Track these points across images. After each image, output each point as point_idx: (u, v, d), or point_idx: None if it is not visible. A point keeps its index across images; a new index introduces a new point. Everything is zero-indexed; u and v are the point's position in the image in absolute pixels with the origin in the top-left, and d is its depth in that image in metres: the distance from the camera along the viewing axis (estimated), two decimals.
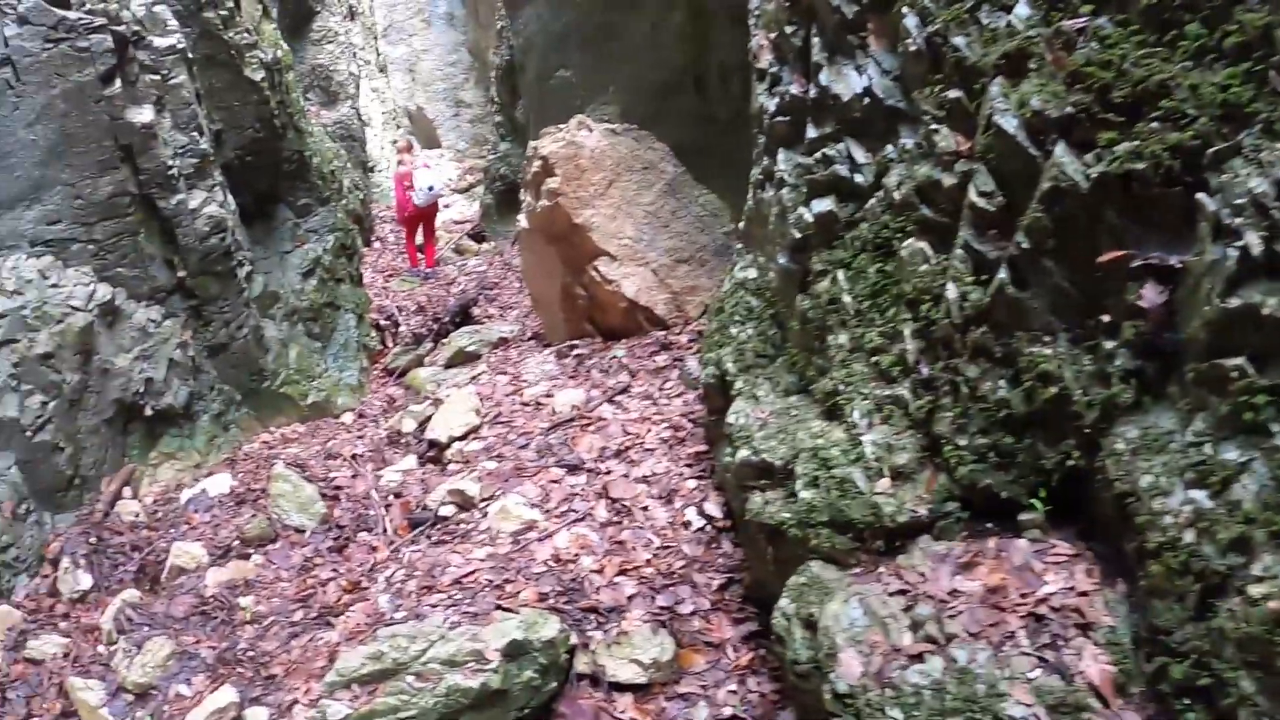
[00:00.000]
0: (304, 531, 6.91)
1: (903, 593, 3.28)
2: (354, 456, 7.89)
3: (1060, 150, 2.87)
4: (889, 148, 3.96)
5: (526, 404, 7.29)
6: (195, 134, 8.31)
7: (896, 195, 3.79)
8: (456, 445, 7.09)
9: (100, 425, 7.70)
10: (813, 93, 4.34)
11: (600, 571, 5.11)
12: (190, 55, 8.48)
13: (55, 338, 7.38)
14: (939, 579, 3.22)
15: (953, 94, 3.43)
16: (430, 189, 13.01)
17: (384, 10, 25.09)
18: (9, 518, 6.66)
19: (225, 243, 8.49)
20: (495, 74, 17.08)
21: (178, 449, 8.37)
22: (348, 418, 9.60)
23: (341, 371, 10.20)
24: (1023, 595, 3.02)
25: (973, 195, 3.22)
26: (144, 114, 7.93)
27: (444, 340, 10.25)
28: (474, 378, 8.18)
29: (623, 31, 10.05)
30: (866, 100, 4.04)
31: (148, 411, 8.11)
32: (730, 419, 4.50)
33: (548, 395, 7.32)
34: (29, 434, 6.99)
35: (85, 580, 6.65)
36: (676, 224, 8.12)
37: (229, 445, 8.78)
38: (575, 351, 8.00)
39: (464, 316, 10.64)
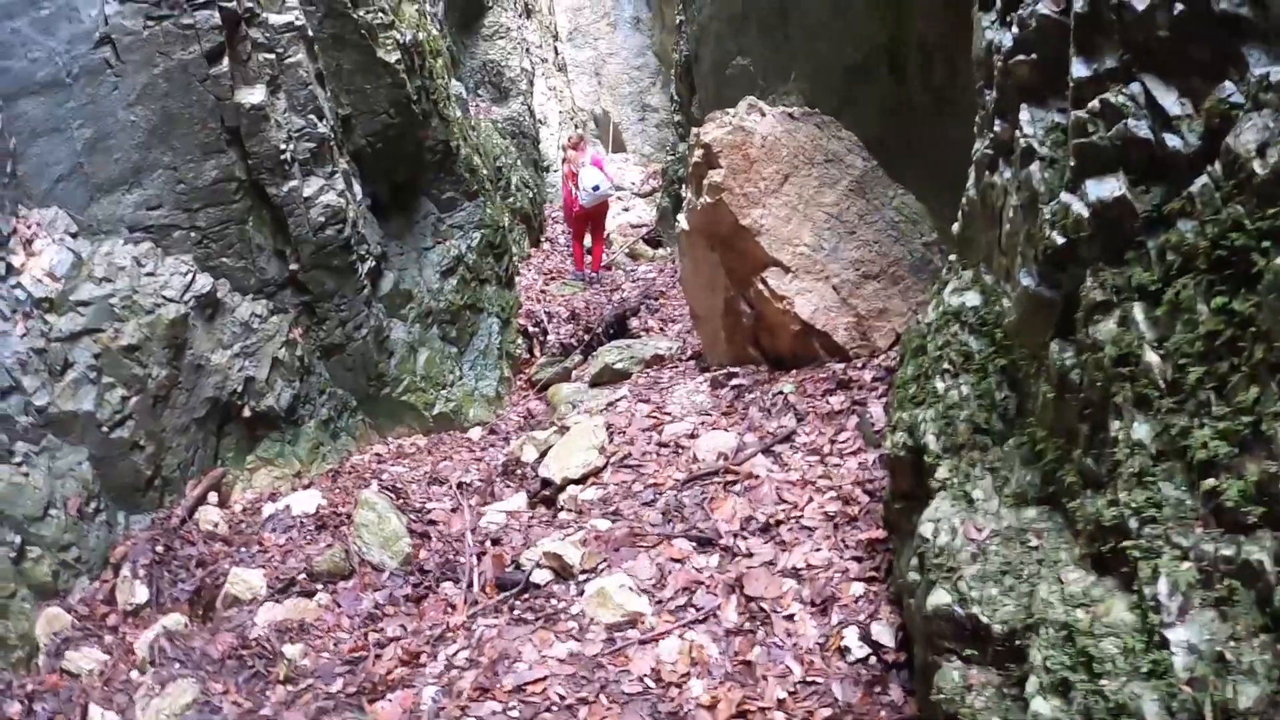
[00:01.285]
0: (382, 571, 5.46)
1: None
2: (460, 485, 6.39)
3: None
4: (1226, 87, 2.06)
5: (664, 444, 5.58)
6: (313, 116, 6.99)
7: (1256, 170, 1.89)
8: (571, 489, 5.47)
9: (190, 424, 6.53)
10: (1080, 6, 2.45)
11: (711, 708, 3.37)
12: (311, 34, 7.17)
13: (143, 329, 6.27)
14: None
15: None
16: (595, 189, 11.42)
17: (568, 14, 23.94)
18: (74, 515, 5.57)
19: (343, 235, 7.15)
20: (674, 71, 15.47)
21: (277, 455, 7.11)
22: (475, 433, 8.15)
23: (478, 381, 8.77)
24: None
25: None
26: (254, 94, 6.66)
27: (594, 353, 8.68)
28: (611, 403, 6.51)
29: (806, 9, 8.25)
30: (1181, 8, 2.15)
31: (246, 413, 6.91)
32: (925, 528, 2.68)
33: (691, 435, 5.60)
34: (105, 429, 5.90)
35: (142, 593, 5.51)
36: (865, 230, 6.24)
37: (336, 455, 7.47)
38: (734, 381, 6.23)
39: (620, 328, 9.01)
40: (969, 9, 5.39)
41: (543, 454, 6.23)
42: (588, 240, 12.35)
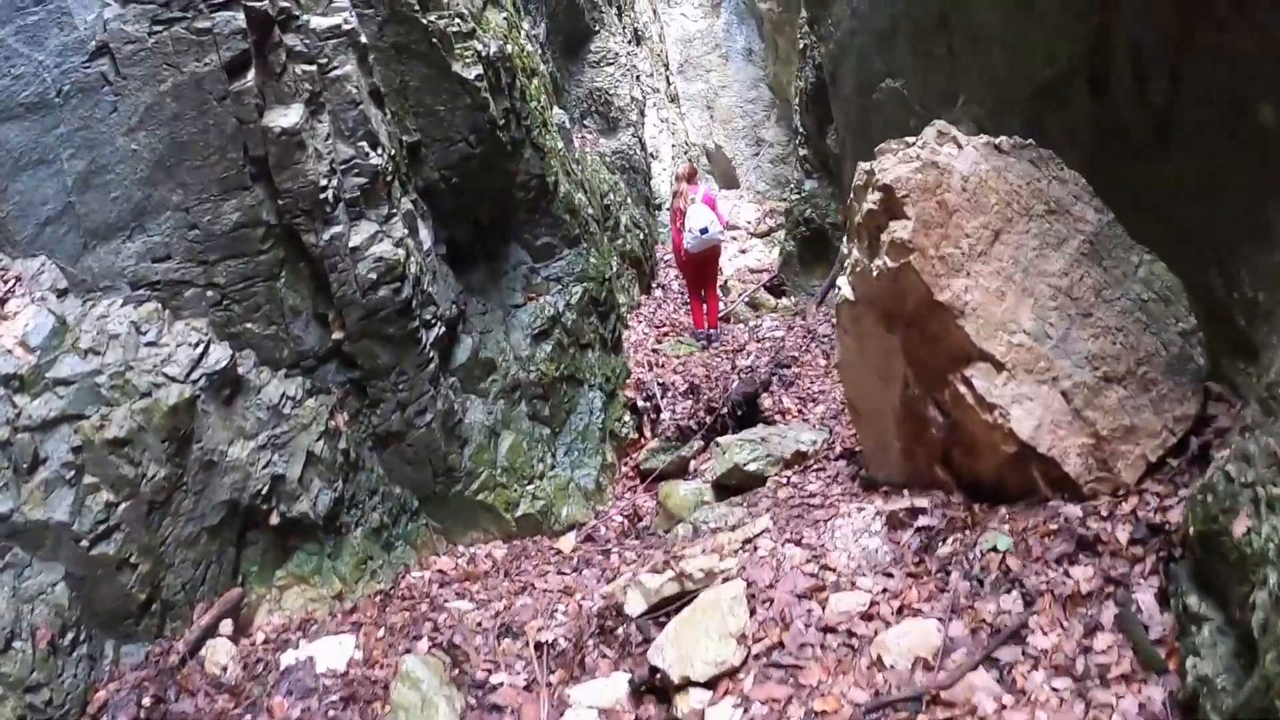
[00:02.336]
0: None
1: None
2: (539, 646, 4.53)
3: None
4: None
5: (830, 630, 3.61)
6: (364, 144, 5.31)
7: None
8: (695, 695, 3.54)
9: (199, 534, 4.92)
10: None
11: None
12: (367, 41, 5.50)
13: (137, 416, 4.72)
14: None
15: None
16: (704, 232, 9.47)
17: (679, 46, 22.36)
18: (45, 649, 4.16)
19: (401, 295, 5.43)
20: (798, 100, 13.53)
21: (313, 572, 5.42)
22: (568, 541, 6.31)
23: (574, 469, 6.93)
24: None
25: None
26: (288, 116, 5.03)
27: (717, 441, 6.75)
28: (749, 541, 4.53)
29: (976, 15, 6.32)
30: None
31: (274, 519, 5.25)
32: None
33: (868, 615, 3.65)
34: (85, 543, 4.41)
35: None
36: (1103, 312, 4.21)
37: (390, 570, 5.75)
38: (919, 521, 4.22)
39: (749, 406, 7.02)
40: (1201, 8, 3.78)
41: (654, 608, 4.33)
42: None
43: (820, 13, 10.44)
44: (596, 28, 13.49)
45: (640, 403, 7.56)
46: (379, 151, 5.34)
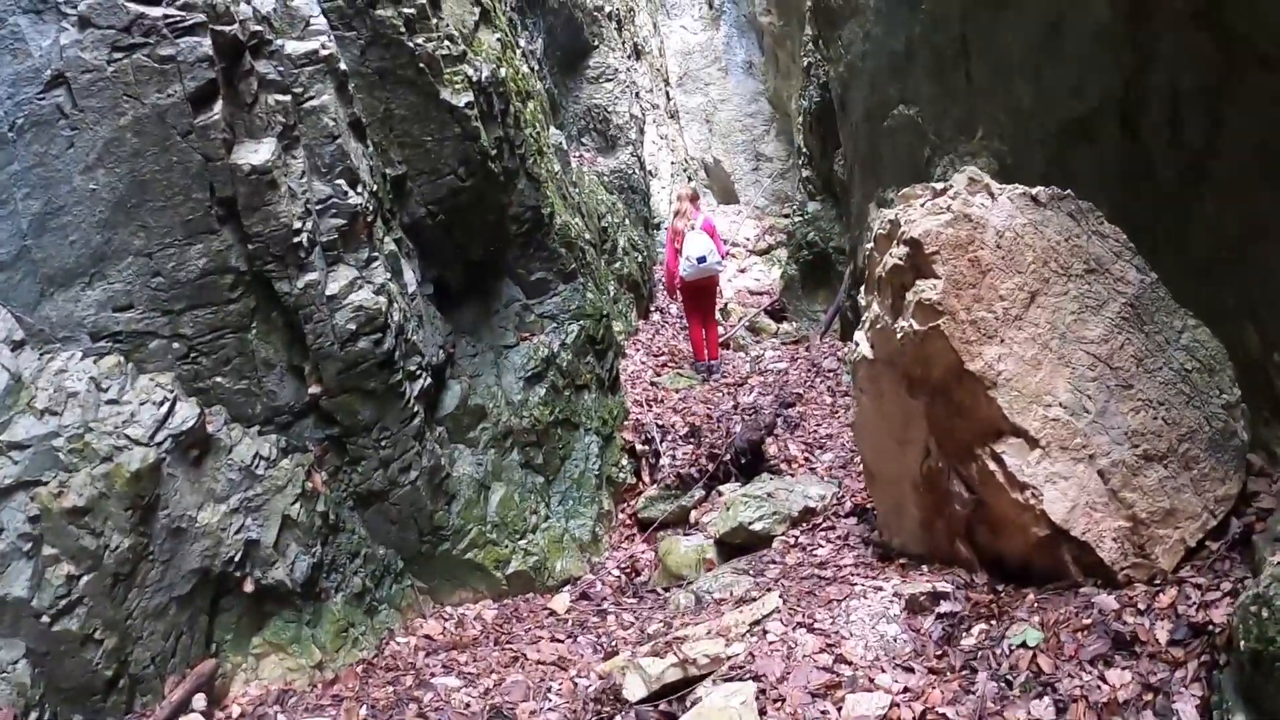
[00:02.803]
0: None
1: None
2: None
3: None
4: None
5: None
6: (342, 182, 4.92)
7: None
8: None
9: (169, 605, 4.54)
10: None
11: None
12: (347, 67, 5.13)
13: (98, 482, 4.35)
14: None
15: None
16: (701, 260, 9.08)
17: (678, 59, 22.04)
18: None
19: (383, 347, 5.04)
20: (803, 119, 13.15)
21: (291, 641, 5.01)
22: (562, 600, 5.92)
23: (569, 519, 6.54)
24: None
25: None
26: (259, 152, 4.65)
27: (719, 490, 6.36)
28: (756, 624, 4.13)
29: (999, 44, 6.01)
30: None
31: (248, 587, 4.85)
32: None
33: (888, 718, 3.24)
34: (46, 619, 4.05)
35: None
36: (1144, 383, 3.85)
37: (373, 637, 5.35)
38: (941, 607, 3.84)
39: (753, 453, 6.62)
40: (1245, 46, 3.69)
41: (653, 699, 3.96)
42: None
43: (829, 32, 10.06)
44: (596, 43, 13.14)
45: (639, 446, 7.17)
46: (359, 189, 4.97)
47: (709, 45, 23.03)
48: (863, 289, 4.55)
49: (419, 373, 5.36)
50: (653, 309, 12.76)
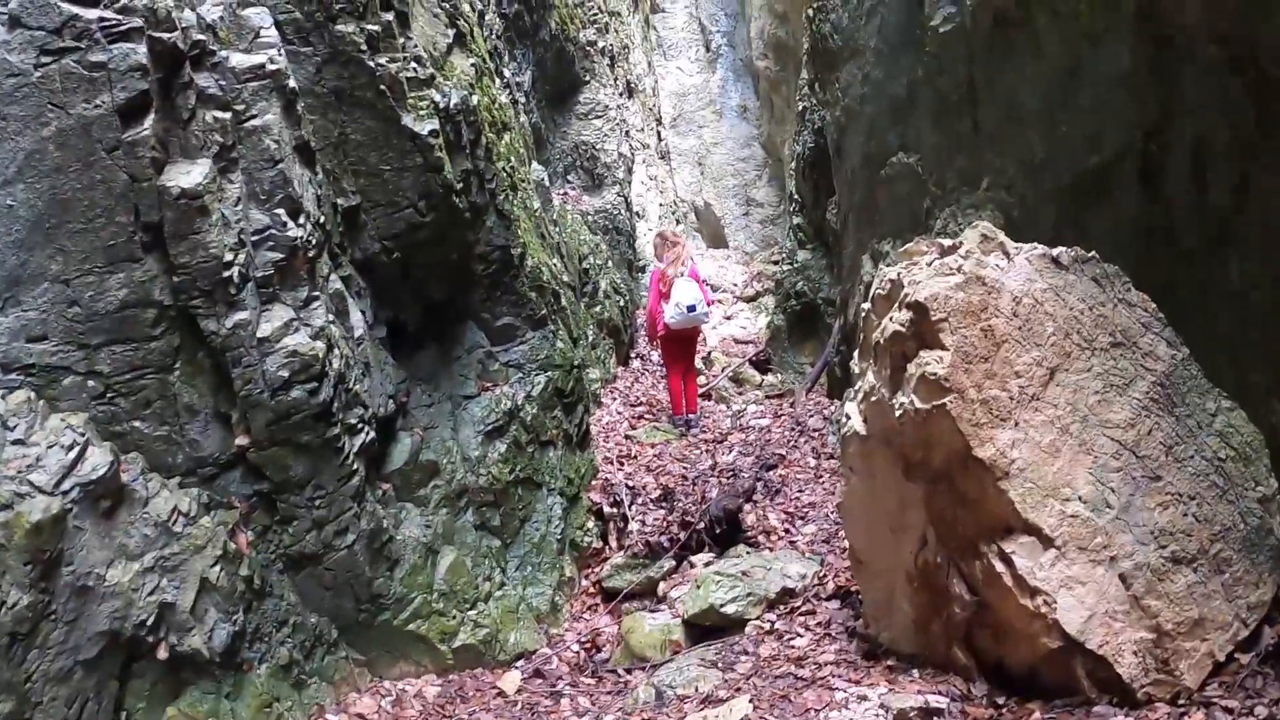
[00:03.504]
0: None
1: None
2: None
3: None
4: None
5: None
6: (282, 211, 4.47)
7: None
8: None
9: (74, 669, 3.97)
10: None
11: None
12: (296, 85, 4.70)
13: None
14: None
15: None
16: (691, 309, 8.69)
17: (672, 99, 21.86)
18: None
19: (319, 398, 4.56)
20: (794, 164, 12.81)
21: (208, 714, 4.49)
22: (512, 679, 5.41)
23: (526, 587, 6.04)
24: None
25: None
26: (190, 174, 4.21)
27: (691, 562, 5.88)
28: None
29: (1009, 89, 5.67)
30: None
31: (161, 653, 4.31)
32: None
33: None
34: None
35: None
36: (1174, 474, 3.43)
37: (300, 712, 4.83)
38: None
39: (729, 522, 6.12)
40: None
41: None
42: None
43: (826, 75, 9.71)
44: (587, 78, 12.81)
45: (607, 507, 6.68)
46: (301, 220, 4.52)
47: (704, 88, 22.88)
48: (856, 353, 4.11)
49: (360, 426, 4.88)
50: (633, 355, 12.32)
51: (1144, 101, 4.46)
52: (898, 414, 3.44)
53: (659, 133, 17.95)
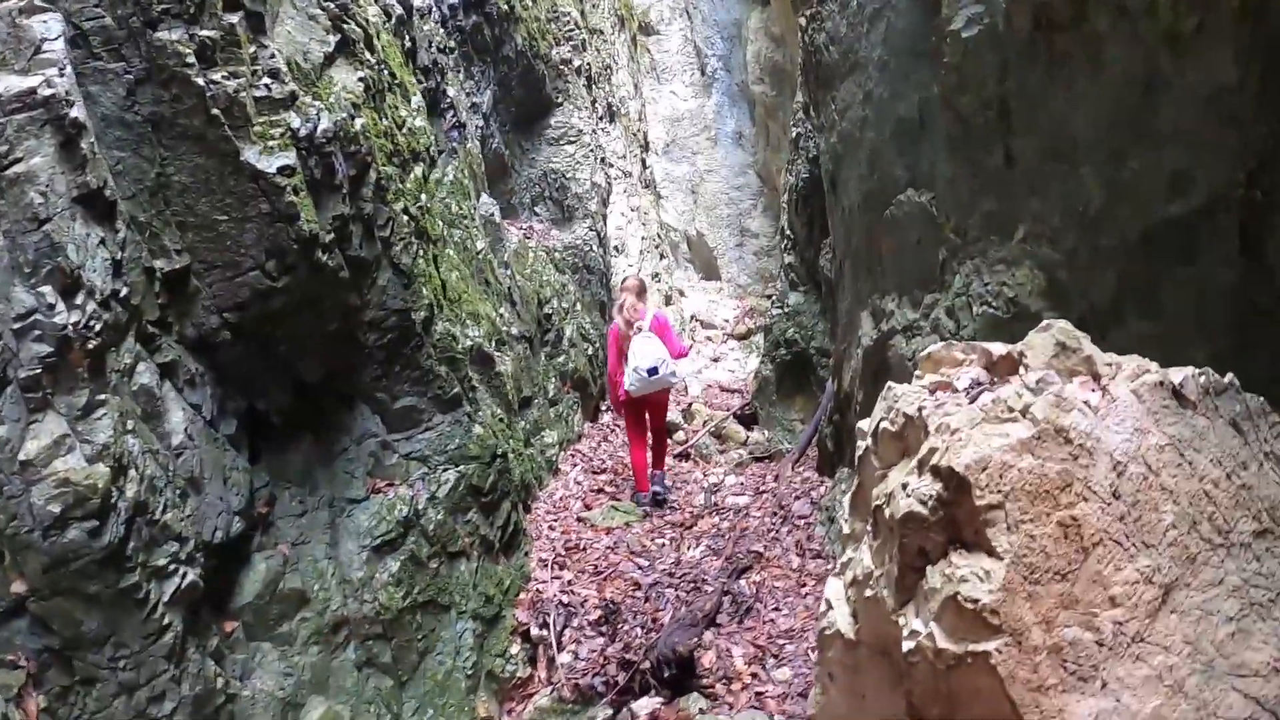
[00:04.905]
0: None
1: None
2: None
3: None
4: None
5: None
6: (48, 289, 3.23)
7: None
8: None
9: None
10: None
11: None
12: (82, 116, 3.48)
13: None
14: None
15: None
16: (652, 372, 7.35)
17: (666, 125, 20.82)
18: None
19: (103, 540, 3.32)
20: (787, 197, 11.56)
21: None
22: None
23: None
24: None
25: None
26: None
27: (633, 710, 4.61)
28: None
29: (1055, 111, 4.34)
30: None
31: None
32: None
33: None
34: None
35: None
36: None
37: None
38: None
39: (682, 666, 4.81)
40: None
41: None
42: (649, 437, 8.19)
43: (821, 94, 8.35)
44: (559, 99, 11.61)
45: (535, 629, 5.41)
46: (79, 299, 3.28)
47: (699, 113, 21.78)
48: (848, 503, 2.86)
49: (174, 568, 3.63)
50: (603, 407, 11.06)
51: (1248, 130, 3.24)
52: (907, 645, 2.17)
53: (644, 160, 16.74)
